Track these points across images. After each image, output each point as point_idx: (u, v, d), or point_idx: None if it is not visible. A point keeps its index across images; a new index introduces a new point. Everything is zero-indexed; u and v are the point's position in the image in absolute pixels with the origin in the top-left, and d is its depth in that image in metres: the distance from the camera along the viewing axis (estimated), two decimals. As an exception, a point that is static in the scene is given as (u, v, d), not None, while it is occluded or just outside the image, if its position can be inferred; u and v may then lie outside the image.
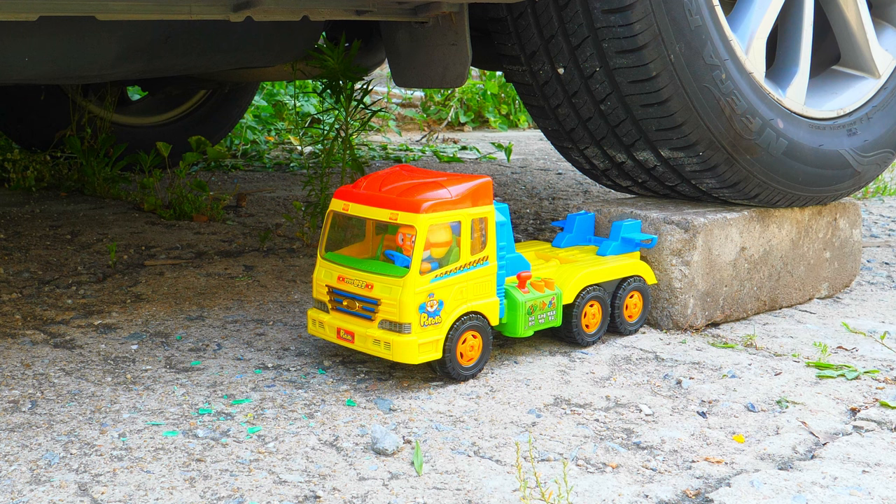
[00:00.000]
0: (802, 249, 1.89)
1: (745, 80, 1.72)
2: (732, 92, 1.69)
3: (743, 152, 1.72)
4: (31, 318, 1.70)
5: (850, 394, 1.46)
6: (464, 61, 1.71)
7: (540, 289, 1.52)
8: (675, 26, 1.62)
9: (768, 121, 1.74)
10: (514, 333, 1.49)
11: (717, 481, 1.17)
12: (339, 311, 1.46)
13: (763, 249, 1.81)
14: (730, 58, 1.69)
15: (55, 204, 2.70)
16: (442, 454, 1.22)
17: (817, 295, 1.95)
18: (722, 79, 1.68)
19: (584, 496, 1.12)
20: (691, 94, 1.65)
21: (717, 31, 1.68)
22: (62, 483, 1.11)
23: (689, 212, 1.74)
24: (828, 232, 1.93)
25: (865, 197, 3.17)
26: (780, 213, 1.84)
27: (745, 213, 1.78)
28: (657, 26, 1.60)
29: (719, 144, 1.70)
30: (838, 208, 1.95)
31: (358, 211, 1.44)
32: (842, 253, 1.98)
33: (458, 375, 1.43)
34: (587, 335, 1.61)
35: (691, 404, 1.41)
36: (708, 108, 1.67)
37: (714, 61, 1.67)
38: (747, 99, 1.71)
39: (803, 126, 1.81)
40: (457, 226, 1.40)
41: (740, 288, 1.79)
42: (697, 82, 1.66)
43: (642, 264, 1.68)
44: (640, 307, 1.68)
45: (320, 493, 1.11)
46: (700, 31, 1.65)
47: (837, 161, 1.86)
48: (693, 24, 1.64)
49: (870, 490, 1.15)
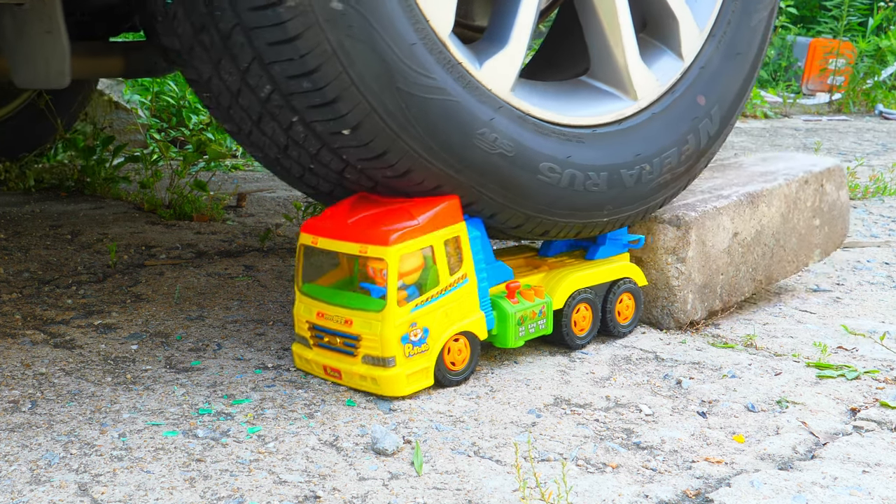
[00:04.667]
0: (793, 222, 1.89)
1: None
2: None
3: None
4: (31, 318, 1.70)
5: (850, 394, 1.46)
6: (61, 55, 1.44)
7: (529, 298, 1.51)
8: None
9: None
10: (505, 344, 1.48)
11: (717, 481, 1.17)
12: (321, 347, 1.43)
13: (755, 230, 1.81)
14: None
15: (55, 204, 2.70)
16: (442, 454, 1.22)
17: (811, 262, 1.95)
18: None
19: (583, 496, 1.12)
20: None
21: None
22: (62, 483, 1.11)
23: (679, 206, 1.74)
24: (815, 199, 1.93)
25: (865, 197, 3.17)
26: (768, 191, 1.83)
27: (734, 198, 1.78)
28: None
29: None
30: (824, 174, 1.95)
31: (327, 245, 1.41)
32: (831, 217, 1.98)
33: (447, 381, 1.43)
34: (577, 338, 1.60)
35: (691, 404, 1.41)
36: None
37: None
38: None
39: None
40: (429, 250, 1.38)
41: (736, 273, 1.79)
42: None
43: (632, 266, 1.67)
44: (633, 308, 1.68)
45: (320, 493, 1.11)
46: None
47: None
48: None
49: (870, 490, 1.15)
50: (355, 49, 1.27)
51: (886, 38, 6.36)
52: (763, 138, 4.68)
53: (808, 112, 6.03)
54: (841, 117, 5.82)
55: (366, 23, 1.27)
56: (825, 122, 5.55)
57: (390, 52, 1.30)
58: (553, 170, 1.50)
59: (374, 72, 1.30)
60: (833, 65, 6.19)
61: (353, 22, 1.26)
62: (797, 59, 6.84)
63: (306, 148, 1.39)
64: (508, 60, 1.47)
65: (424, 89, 1.35)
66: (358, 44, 1.28)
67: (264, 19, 1.24)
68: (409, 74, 1.33)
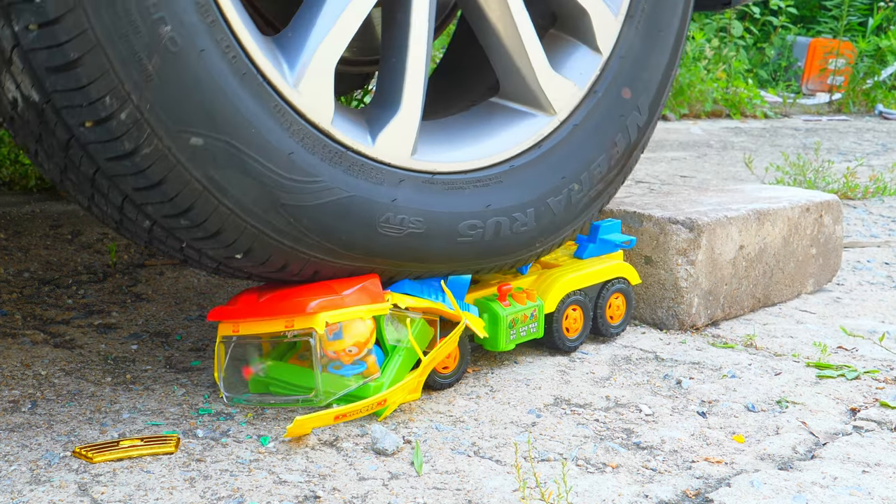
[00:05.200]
0: (793, 247, 1.90)
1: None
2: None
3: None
4: (31, 318, 1.70)
5: (850, 394, 1.46)
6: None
7: (521, 301, 1.48)
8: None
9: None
10: (496, 348, 1.46)
11: (717, 481, 1.17)
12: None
13: (759, 247, 1.82)
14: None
15: (55, 204, 2.69)
16: (442, 454, 1.22)
17: (804, 291, 1.96)
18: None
19: (583, 496, 1.12)
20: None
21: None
22: (62, 483, 1.11)
23: (692, 211, 1.75)
24: (814, 228, 1.94)
25: (865, 197, 3.17)
26: (774, 212, 1.84)
27: (743, 211, 1.79)
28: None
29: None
30: (823, 205, 1.96)
31: (249, 329, 1.30)
32: (826, 249, 1.99)
33: (436, 384, 1.42)
34: (569, 341, 1.58)
35: (691, 404, 1.41)
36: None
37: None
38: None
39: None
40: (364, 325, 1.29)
41: (738, 286, 1.79)
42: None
43: (625, 266, 1.66)
44: (624, 309, 1.67)
45: (320, 493, 1.11)
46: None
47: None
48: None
49: (870, 490, 1.15)
50: (226, 179, 1.18)
51: (886, 38, 6.35)
52: (763, 138, 4.68)
53: (808, 112, 6.03)
54: (841, 117, 5.82)
55: (232, 149, 1.17)
56: (825, 122, 5.56)
57: (265, 172, 1.20)
58: (474, 226, 1.40)
59: (253, 196, 1.20)
60: (833, 65, 6.18)
61: (216, 153, 1.16)
62: (797, 59, 6.84)
63: (203, 263, 1.31)
64: (405, 123, 1.34)
65: (312, 196, 1.24)
66: (228, 172, 1.17)
67: (123, 168, 1.15)
68: (291, 187, 1.22)
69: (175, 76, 1.12)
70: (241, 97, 1.17)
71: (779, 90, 6.39)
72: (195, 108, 1.14)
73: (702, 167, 3.73)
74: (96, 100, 1.09)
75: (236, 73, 1.17)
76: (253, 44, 1.19)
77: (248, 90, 1.18)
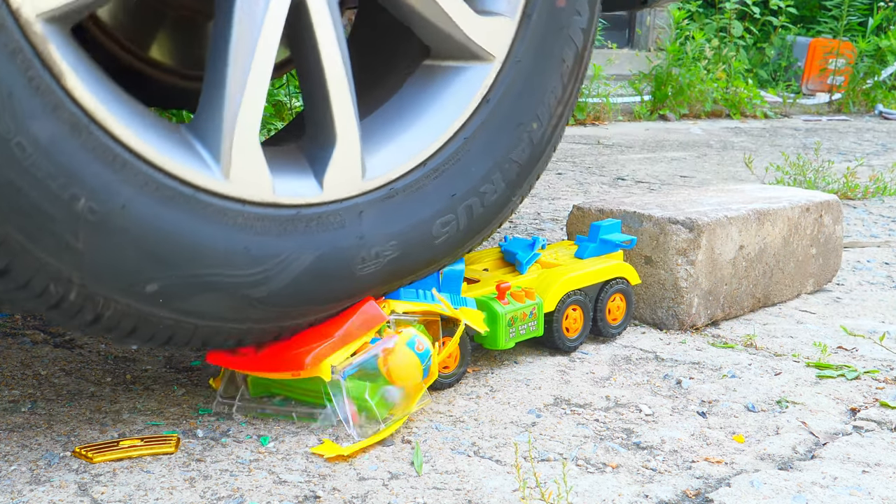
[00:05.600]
0: (792, 247, 1.90)
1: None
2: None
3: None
4: (31, 318, 1.70)
5: (850, 394, 1.46)
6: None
7: (520, 299, 1.48)
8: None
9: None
10: (495, 346, 1.46)
11: (717, 481, 1.17)
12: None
13: (759, 248, 1.82)
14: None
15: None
16: (442, 454, 1.22)
17: (804, 291, 1.96)
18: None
19: (584, 496, 1.12)
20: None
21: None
22: (62, 483, 1.11)
23: (692, 211, 1.75)
24: (814, 228, 1.95)
25: (865, 197, 3.17)
26: (774, 212, 1.84)
27: (743, 211, 1.79)
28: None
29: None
30: (823, 205, 1.96)
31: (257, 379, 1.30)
32: (826, 249, 1.99)
33: (437, 384, 1.42)
34: (569, 340, 1.58)
35: (691, 404, 1.41)
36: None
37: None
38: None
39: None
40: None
41: (738, 286, 1.79)
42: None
43: (626, 266, 1.66)
44: (624, 309, 1.66)
45: (320, 493, 1.11)
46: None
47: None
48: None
49: (870, 490, 1.15)
50: (198, 306, 1.14)
51: (886, 38, 6.35)
52: (763, 138, 4.68)
53: (807, 112, 6.03)
54: (841, 117, 5.82)
55: (193, 279, 1.11)
56: (825, 122, 5.56)
57: (230, 280, 1.15)
58: (447, 222, 1.34)
59: (226, 306, 1.16)
60: (833, 65, 6.19)
61: (179, 289, 1.11)
62: (797, 59, 6.84)
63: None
64: (348, 153, 1.23)
65: (281, 275, 1.18)
66: (197, 301, 1.13)
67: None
68: (260, 279, 1.17)
69: (105, 240, 1.04)
70: (182, 229, 1.09)
71: (779, 90, 6.39)
72: (139, 261, 1.07)
73: (702, 167, 3.73)
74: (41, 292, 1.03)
75: (168, 202, 1.07)
76: (176, 164, 1.08)
77: (185, 214, 1.08)
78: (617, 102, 5.29)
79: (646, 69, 5.53)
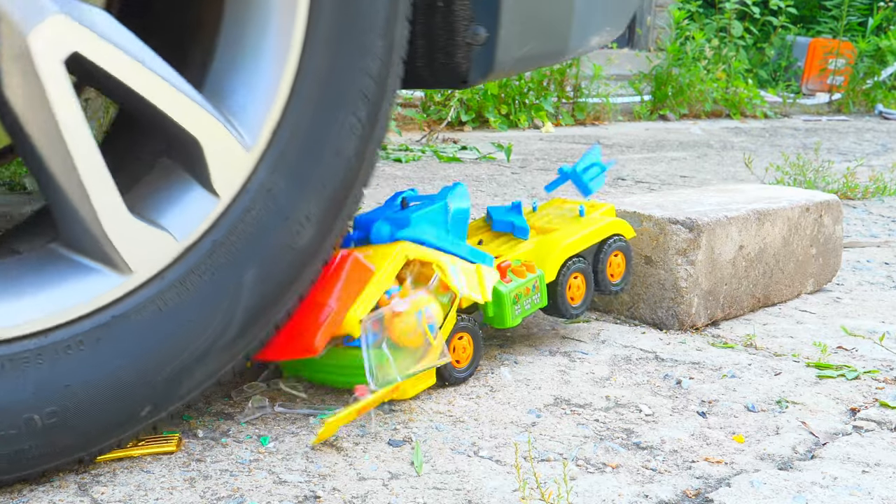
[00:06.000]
0: (792, 247, 1.90)
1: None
2: None
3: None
4: (31, 318, 1.70)
5: (850, 394, 1.46)
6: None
7: (521, 275, 1.48)
8: None
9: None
10: (503, 325, 1.47)
11: (717, 481, 1.17)
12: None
13: (759, 247, 1.82)
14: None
15: (55, 204, 2.69)
16: (442, 454, 1.22)
17: (804, 291, 1.97)
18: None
19: (584, 496, 1.12)
20: None
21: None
22: (62, 483, 1.11)
23: (692, 211, 1.75)
24: (814, 228, 1.95)
25: (865, 197, 3.17)
26: (773, 211, 1.84)
27: (743, 211, 1.79)
28: None
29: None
30: (823, 205, 1.96)
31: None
32: (826, 249, 2.00)
33: (453, 379, 1.43)
34: (573, 307, 1.58)
35: (691, 404, 1.41)
36: None
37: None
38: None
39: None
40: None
41: (738, 286, 1.79)
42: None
43: (621, 221, 1.65)
44: (624, 266, 1.66)
45: (320, 493, 1.11)
46: None
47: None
48: None
49: (870, 490, 1.15)
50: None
51: (886, 38, 6.36)
52: (763, 138, 4.68)
53: (807, 112, 6.03)
54: (841, 117, 5.82)
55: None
56: (825, 122, 5.56)
57: None
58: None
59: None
60: (833, 65, 6.19)
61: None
62: (797, 59, 6.85)
63: None
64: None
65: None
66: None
67: None
68: None
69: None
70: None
71: (779, 90, 6.39)
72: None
73: (702, 167, 3.73)
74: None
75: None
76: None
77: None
78: (617, 102, 5.30)
79: (646, 69, 5.53)
